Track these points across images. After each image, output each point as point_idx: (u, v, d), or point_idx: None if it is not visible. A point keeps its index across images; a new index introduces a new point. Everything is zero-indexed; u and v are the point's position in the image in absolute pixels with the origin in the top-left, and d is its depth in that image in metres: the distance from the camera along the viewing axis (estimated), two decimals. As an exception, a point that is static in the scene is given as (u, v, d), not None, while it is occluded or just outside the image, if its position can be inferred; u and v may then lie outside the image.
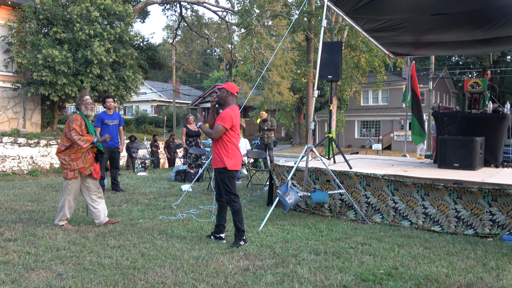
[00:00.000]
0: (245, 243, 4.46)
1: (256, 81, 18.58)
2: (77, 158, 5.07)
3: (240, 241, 4.43)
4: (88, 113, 5.25)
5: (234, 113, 4.44)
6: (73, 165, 5.06)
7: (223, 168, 4.42)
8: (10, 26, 14.04)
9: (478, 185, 4.97)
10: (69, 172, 5.05)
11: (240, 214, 4.48)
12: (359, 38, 19.95)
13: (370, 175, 5.64)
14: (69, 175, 5.06)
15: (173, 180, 9.51)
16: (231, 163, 4.42)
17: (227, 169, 4.41)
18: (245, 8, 20.27)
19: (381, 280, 3.47)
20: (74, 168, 5.06)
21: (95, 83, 14.34)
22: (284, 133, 44.37)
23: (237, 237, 4.48)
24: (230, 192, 4.45)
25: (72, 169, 5.06)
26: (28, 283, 3.32)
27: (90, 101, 5.30)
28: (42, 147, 14.21)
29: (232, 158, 4.43)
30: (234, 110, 4.47)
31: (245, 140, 10.16)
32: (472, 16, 6.21)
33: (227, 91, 4.53)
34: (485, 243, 4.57)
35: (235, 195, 4.46)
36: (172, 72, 35.63)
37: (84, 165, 5.10)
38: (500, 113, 6.59)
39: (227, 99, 4.54)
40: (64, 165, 5.09)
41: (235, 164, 4.45)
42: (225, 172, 4.43)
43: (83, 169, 5.09)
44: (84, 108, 5.23)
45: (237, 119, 4.47)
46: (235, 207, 4.46)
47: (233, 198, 4.44)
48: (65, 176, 5.10)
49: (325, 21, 6.17)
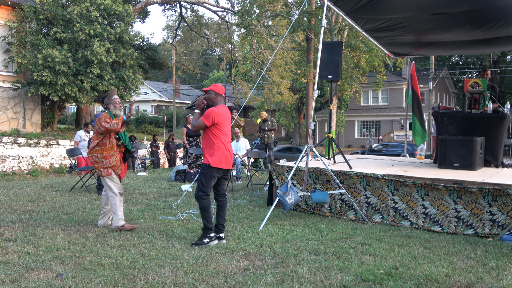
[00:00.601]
0: (211, 240, 4.47)
1: (256, 81, 18.59)
2: (109, 156, 5.00)
3: (205, 239, 4.45)
4: (116, 113, 5.14)
5: (218, 111, 4.50)
6: (105, 162, 4.98)
7: (206, 164, 4.48)
8: (10, 26, 14.04)
9: (478, 185, 4.97)
10: (103, 170, 4.98)
11: (208, 212, 4.50)
12: (359, 38, 19.94)
13: (370, 175, 5.64)
14: (104, 172, 4.99)
15: (173, 180, 9.51)
16: (214, 160, 4.45)
17: (210, 166, 4.46)
18: (245, 8, 20.26)
19: (381, 280, 3.46)
20: (107, 165, 4.99)
21: (95, 83, 14.34)
22: (284, 133, 44.36)
23: (203, 234, 4.51)
24: (201, 189, 4.49)
25: (105, 166, 4.98)
26: (28, 283, 3.32)
27: (118, 100, 5.23)
28: (42, 147, 14.21)
29: (217, 156, 4.47)
30: (218, 109, 4.52)
31: (245, 140, 10.16)
32: (472, 16, 6.21)
33: (215, 92, 4.61)
34: (485, 243, 4.56)
35: (204, 193, 4.49)
36: (172, 72, 35.63)
37: (117, 163, 5.04)
38: (500, 113, 6.59)
39: (215, 100, 4.61)
40: (97, 162, 5.00)
41: (218, 162, 4.47)
42: (206, 169, 4.48)
43: (115, 167, 5.03)
44: (113, 107, 5.15)
45: (220, 117, 4.50)
46: (202, 204, 4.49)
47: (201, 195, 4.48)
48: (99, 173, 5.04)
49: (325, 21, 6.17)
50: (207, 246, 4.38)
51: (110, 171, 5.01)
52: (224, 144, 4.54)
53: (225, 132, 4.56)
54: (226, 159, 4.54)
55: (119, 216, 4.98)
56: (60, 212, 6.00)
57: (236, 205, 6.64)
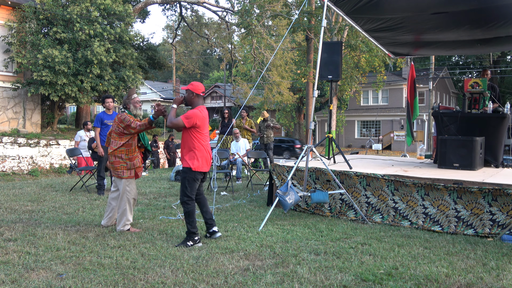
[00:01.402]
0: (195, 243, 4.41)
1: (256, 81, 18.58)
2: (134, 158, 4.90)
3: (189, 242, 4.41)
4: (137, 112, 5.02)
5: (201, 114, 4.44)
6: (130, 164, 4.87)
7: (188, 168, 4.42)
8: (10, 26, 14.04)
9: (478, 185, 4.97)
10: (126, 171, 4.87)
11: (192, 217, 4.45)
12: (359, 38, 19.94)
13: (370, 175, 5.64)
14: (125, 174, 4.87)
15: (173, 180, 9.51)
16: (196, 164, 4.41)
17: (191, 169, 4.41)
18: (245, 8, 20.26)
19: (381, 280, 3.46)
20: (131, 167, 4.89)
21: (95, 83, 14.34)
22: (284, 133, 44.36)
23: (187, 237, 4.47)
24: (185, 193, 4.44)
25: (129, 168, 4.88)
26: (28, 283, 3.32)
27: (138, 99, 5.09)
28: (42, 147, 14.21)
29: (198, 159, 4.43)
30: (201, 111, 4.47)
31: (244, 140, 10.15)
32: (472, 16, 6.21)
33: (192, 92, 4.53)
34: (485, 243, 4.56)
35: (190, 198, 4.45)
36: (172, 72, 35.65)
37: (140, 164, 4.94)
38: (500, 113, 6.59)
39: (193, 100, 4.55)
40: (120, 163, 4.86)
41: (200, 166, 4.44)
42: (188, 172, 4.43)
43: (139, 169, 4.95)
44: (133, 107, 5.01)
45: (202, 121, 4.45)
46: (187, 208, 4.45)
47: (186, 200, 4.45)
48: (120, 175, 4.89)
49: (325, 21, 6.17)
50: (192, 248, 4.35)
51: (133, 173, 4.93)
52: (204, 147, 4.51)
53: (205, 135, 4.52)
54: (207, 162, 4.54)
55: (129, 221, 4.94)
56: (60, 212, 6.01)
57: (236, 205, 6.65)
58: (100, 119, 7.50)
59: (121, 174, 4.90)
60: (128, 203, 4.93)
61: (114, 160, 4.91)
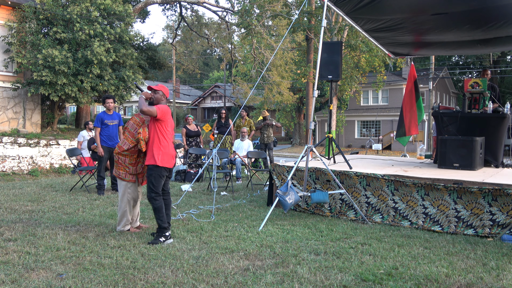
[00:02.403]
0: (166, 239, 4.52)
1: (256, 81, 18.58)
2: (137, 163, 4.87)
3: (161, 238, 4.51)
4: None
5: (169, 113, 4.69)
6: (132, 169, 4.85)
7: (154, 165, 4.57)
8: (10, 26, 14.03)
9: (478, 185, 4.97)
10: (128, 175, 4.86)
11: (161, 212, 4.58)
12: (359, 38, 19.94)
13: (370, 175, 5.64)
14: (127, 178, 4.86)
15: (173, 180, 9.50)
16: (162, 160, 4.56)
17: (157, 166, 4.55)
18: (245, 8, 20.26)
19: (381, 280, 3.46)
20: (133, 172, 4.86)
21: (95, 83, 14.33)
22: (284, 133, 44.36)
23: (158, 233, 4.56)
24: (153, 190, 4.58)
25: (131, 173, 4.85)
26: (28, 283, 3.32)
27: None
28: (42, 147, 14.21)
29: (163, 155, 4.58)
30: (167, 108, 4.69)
31: (249, 142, 10.19)
32: (472, 16, 6.21)
33: (163, 94, 4.77)
34: (485, 243, 4.56)
35: (157, 193, 4.59)
36: (172, 72, 35.65)
37: (143, 170, 4.91)
38: (500, 113, 6.59)
39: (161, 101, 4.75)
40: (121, 164, 4.85)
41: (166, 161, 4.60)
42: (154, 169, 4.57)
43: (141, 174, 4.93)
44: None
45: (169, 118, 4.68)
46: (155, 205, 4.59)
47: (154, 196, 4.58)
48: (122, 177, 4.86)
49: (325, 21, 6.16)
50: (164, 244, 4.41)
51: (135, 178, 4.92)
52: (169, 143, 4.68)
53: (170, 132, 4.70)
54: (172, 158, 4.71)
55: (129, 221, 4.96)
56: (60, 212, 6.00)
57: (236, 205, 6.64)
58: (101, 119, 7.50)
59: (123, 176, 4.90)
60: (129, 204, 4.92)
61: (117, 160, 4.92)
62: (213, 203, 6.50)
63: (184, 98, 47.93)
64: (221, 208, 6.39)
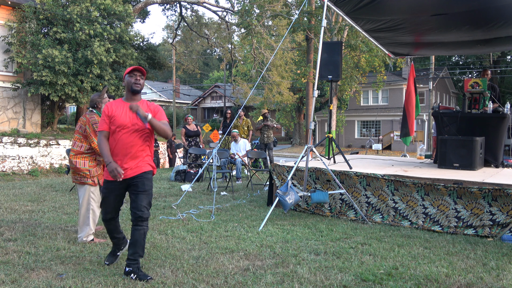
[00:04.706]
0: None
1: (256, 81, 18.57)
2: (95, 164, 4.57)
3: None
4: None
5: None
6: (92, 171, 4.53)
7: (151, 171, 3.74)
8: (10, 26, 14.03)
9: (478, 185, 4.97)
10: (89, 178, 4.51)
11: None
12: (359, 38, 19.94)
13: (370, 175, 5.64)
14: (89, 181, 4.51)
15: (173, 180, 9.50)
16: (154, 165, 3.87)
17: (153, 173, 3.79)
18: (245, 8, 20.25)
19: (381, 280, 3.46)
20: (94, 174, 4.54)
21: (95, 83, 14.34)
22: (284, 133, 44.35)
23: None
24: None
25: (92, 175, 4.53)
26: (28, 283, 3.32)
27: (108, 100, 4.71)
28: (42, 147, 14.21)
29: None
30: None
31: (245, 141, 10.16)
32: (472, 16, 6.21)
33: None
34: (485, 243, 4.56)
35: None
36: (172, 72, 35.64)
37: (102, 171, 4.58)
38: (500, 113, 6.59)
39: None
40: (80, 170, 4.50)
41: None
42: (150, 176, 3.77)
43: (101, 176, 4.58)
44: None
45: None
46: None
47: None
48: (84, 181, 4.52)
49: (325, 21, 6.16)
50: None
51: (97, 181, 4.56)
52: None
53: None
54: None
55: (92, 231, 4.52)
56: (60, 212, 6.00)
57: (236, 205, 6.65)
58: (100, 119, 7.49)
59: (83, 181, 4.52)
60: (93, 212, 4.54)
61: (77, 166, 4.50)
62: (213, 203, 6.50)
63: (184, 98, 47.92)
64: (221, 208, 6.39)
